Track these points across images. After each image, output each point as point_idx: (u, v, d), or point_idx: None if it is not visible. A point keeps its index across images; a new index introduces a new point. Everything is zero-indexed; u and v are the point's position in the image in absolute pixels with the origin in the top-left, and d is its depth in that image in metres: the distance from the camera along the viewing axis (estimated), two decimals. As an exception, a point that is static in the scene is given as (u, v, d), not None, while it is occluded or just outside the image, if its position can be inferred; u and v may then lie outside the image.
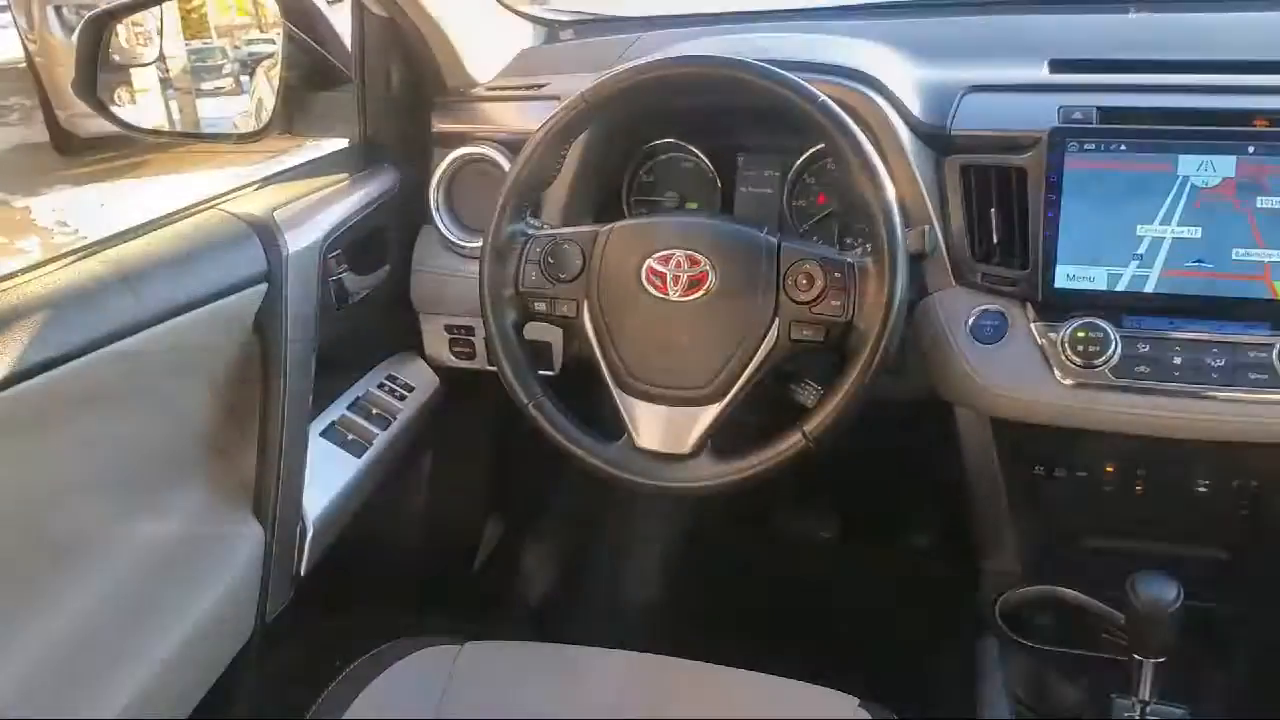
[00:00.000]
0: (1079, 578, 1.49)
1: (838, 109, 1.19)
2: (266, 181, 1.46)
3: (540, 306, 1.30)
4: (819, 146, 1.44)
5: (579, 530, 2.22)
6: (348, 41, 1.62)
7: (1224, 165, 1.23)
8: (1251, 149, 1.23)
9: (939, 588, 1.79)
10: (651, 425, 1.25)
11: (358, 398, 1.58)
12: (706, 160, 1.58)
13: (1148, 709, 1.24)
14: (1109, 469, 1.41)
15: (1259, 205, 1.22)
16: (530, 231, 1.31)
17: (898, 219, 1.18)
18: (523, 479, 2.06)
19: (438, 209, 1.60)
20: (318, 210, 1.44)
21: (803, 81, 1.20)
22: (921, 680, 1.52)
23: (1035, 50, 1.53)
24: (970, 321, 1.33)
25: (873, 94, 1.36)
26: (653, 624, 2.10)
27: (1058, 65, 1.49)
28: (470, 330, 1.63)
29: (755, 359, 1.22)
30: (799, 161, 1.53)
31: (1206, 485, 1.38)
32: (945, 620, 1.62)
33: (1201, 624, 1.45)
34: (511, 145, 1.53)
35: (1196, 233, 1.24)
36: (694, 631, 2.00)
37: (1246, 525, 1.47)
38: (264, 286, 1.28)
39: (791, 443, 1.20)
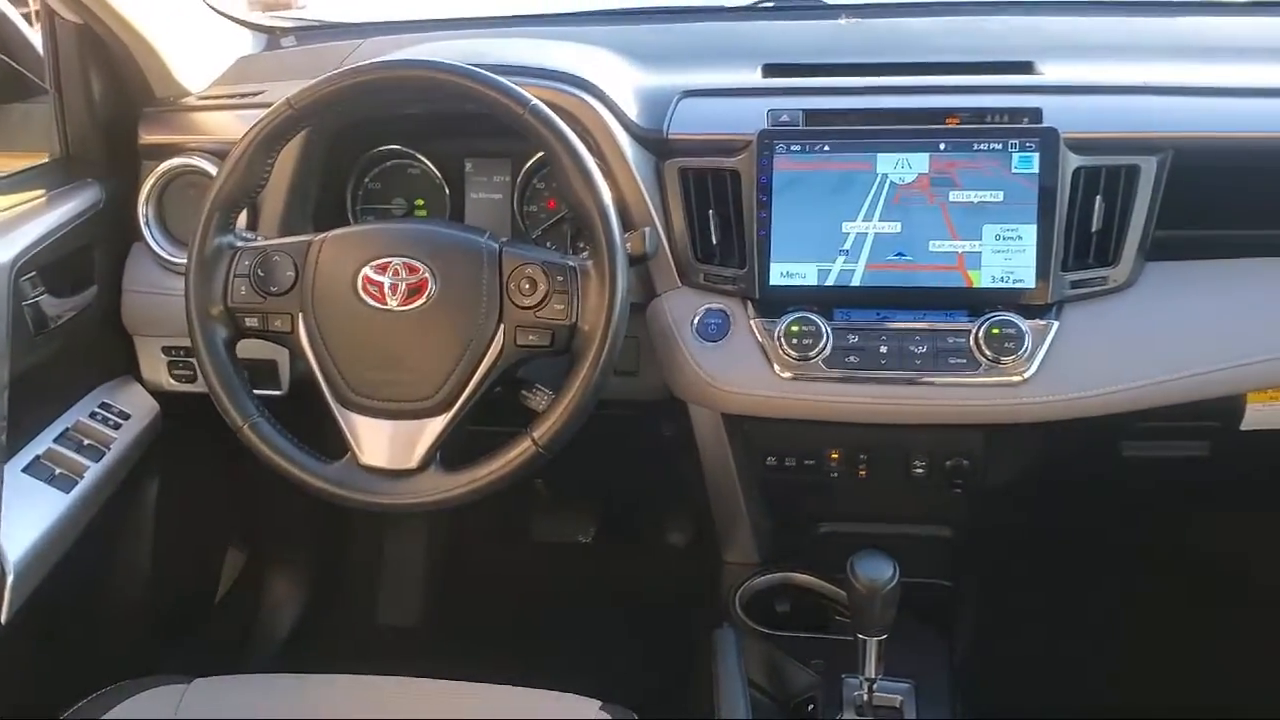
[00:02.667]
0: (814, 563, 1.54)
1: (550, 112, 1.19)
2: (-53, 202, 1.35)
3: (252, 322, 1.24)
4: None
5: (328, 554, 2.14)
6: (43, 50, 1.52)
7: (918, 162, 1.31)
8: (943, 146, 1.31)
9: (689, 584, 1.82)
10: (375, 441, 1.21)
11: (66, 429, 1.47)
12: (433, 167, 1.55)
13: (874, 685, 1.29)
14: (834, 456, 1.46)
15: (951, 199, 1.30)
16: (239, 244, 1.26)
17: (615, 221, 1.18)
18: (264, 505, 1.98)
19: (148, 224, 1.52)
20: (7, 230, 1.34)
21: (514, 85, 1.20)
22: (667, 676, 1.54)
23: (750, 55, 1.59)
24: (696, 321, 1.36)
25: (589, 98, 1.37)
26: (408, 644, 2.06)
27: (770, 70, 1.54)
28: (190, 351, 1.54)
29: (482, 367, 1.20)
30: (527, 166, 1.53)
31: (923, 466, 1.45)
32: (693, 615, 1.65)
33: (928, 600, 1.54)
34: (223, 155, 1.46)
35: (896, 227, 1.31)
36: (450, 648, 1.98)
37: (962, 502, 1.56)
38: None
39: (522, 449, 1.18)
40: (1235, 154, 1.34)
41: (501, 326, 1.20)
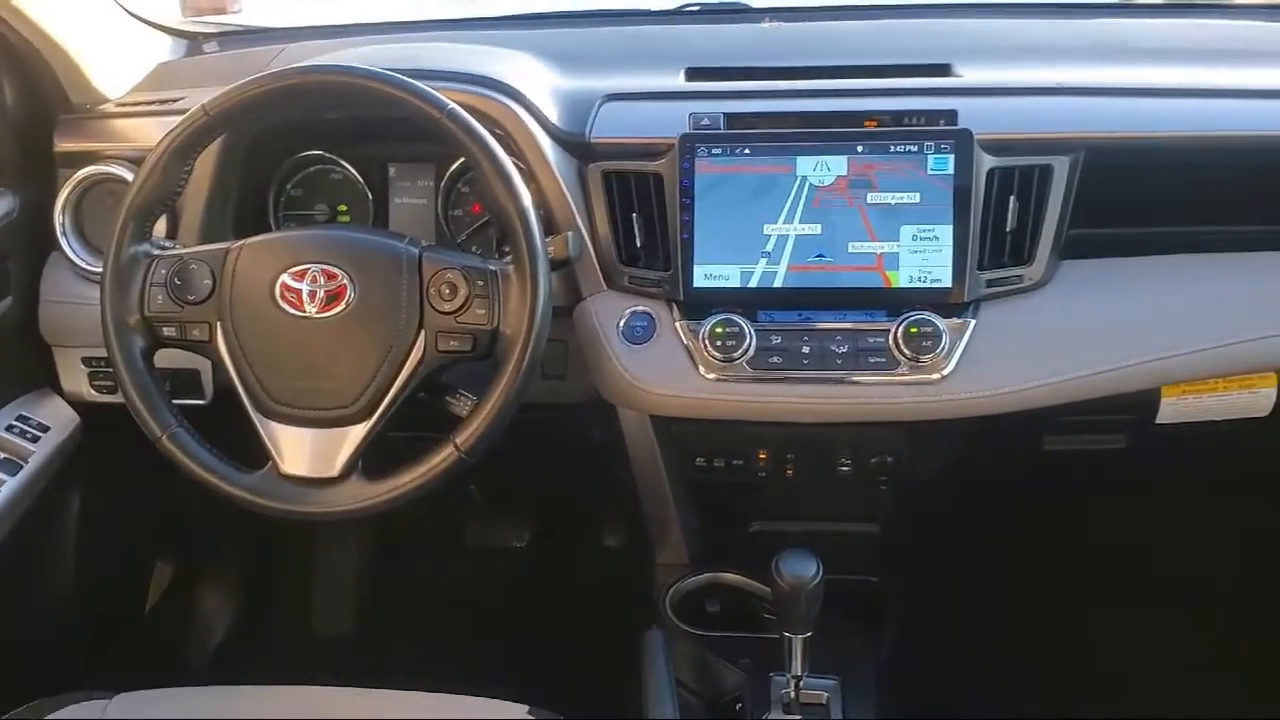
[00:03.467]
0: (745, 562, 1.55)
1: (468, 117, 1.19)
2: None
3: (170, 332, 1.23)
4: None
5: (260, 564, 2.12)
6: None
7: (837, 164, 1.32)
8: (861, 148, 1.32)
9: (623, 586, 1.83)
10: (296, 449, 1.21)
11: (-19, 442, 1.45)
12: (355, 172, 1.54)
13: (801, 683, 1.30)
14: (762, 456, 1.47)
15: (869, 200, 1.32)
16: (156, 252, 1.25)
17: (535, 224, 1.19)
18: (193, 515, 1.95)
19: (65, 233, 1.49)
20: (-85, 242, 1.31)
21: (432, 89, 1.19)
22: (601, 679, 1.54)
23: (674, 59, 1.60)
24: (621, 323, 1.36)
25: (509, 102, 1.37)
26: (342, 653, 2.04)
27: (693, 73, 1.55)
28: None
29: (403, 373, 1.20)
30: (451, 171, 1.52)
31: (848, 464, 1.46)
32: (625, 617, 1.65)
33: (856, 597, 1.55)
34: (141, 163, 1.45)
35: (817, 229, 1.32)
36: (384, 656, 1.97)
37: (887, 499, 1.58)
38: None
39: (444, 456, 1.18)
40: (1145, 153, 1.37)
41: (422, 332, 1.20)
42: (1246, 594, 1.98)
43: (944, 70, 1.52)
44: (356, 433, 1.20)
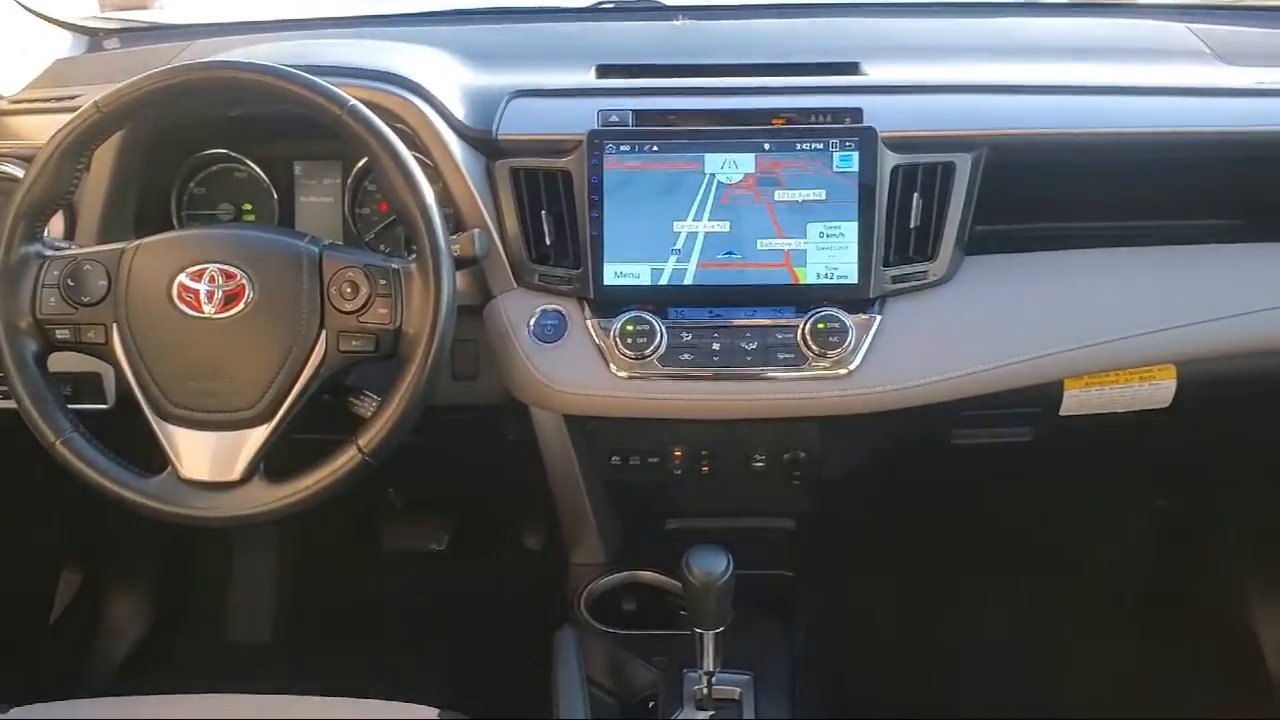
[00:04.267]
0: (663, 560, 1.55)
1: (368, 113, 1.17)
2: None
3: (63, 334, 1.20)
4: None
5: (173, 570, 2.08)
6: None
7: (745, 162, 1.32)
8: (768, 146, 1.33)
9: (542, 587, 1.82)
10: (196, 453, 1.18)
11: None
12: (259, 170, 1.52)
13: (713, 679, 1.31)
14: (677, 453, 1.48)
15: (777, 198, 1.32)
16: (49, 253, 1.21)
17: (438, 221, 1.17)
18: (101, 522, 1.91)
19: None
20: None
21: (331, 85, 1.18)
22: (517, 681, 1.54)
23: (587, 56, 1.59)
24: (532, 322, 1.35)
25: (413, 98, 1.35)
26: (258, 660, 2.01)
27: (604, 70, 1.55)
28: None
29: (304, 375, 1.18)
30: (358, 168, 1.50)
31: (762, 460, 1.47)
32: (541, 618, 1.64)
33: (772, 592, 1.56)
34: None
35: (725, 226, 1.32)
36: (301, 661, 1.95)
37: (802, 495, 1.58)
38: None
39: (347, 458, 1.17)
40: (1047, 149, 1.39)
41: (323, 332, 1.18)
42: (1156, 586, 2.02)
43: (852, 69, 1.53)
44: (257, 435, 1.18)
